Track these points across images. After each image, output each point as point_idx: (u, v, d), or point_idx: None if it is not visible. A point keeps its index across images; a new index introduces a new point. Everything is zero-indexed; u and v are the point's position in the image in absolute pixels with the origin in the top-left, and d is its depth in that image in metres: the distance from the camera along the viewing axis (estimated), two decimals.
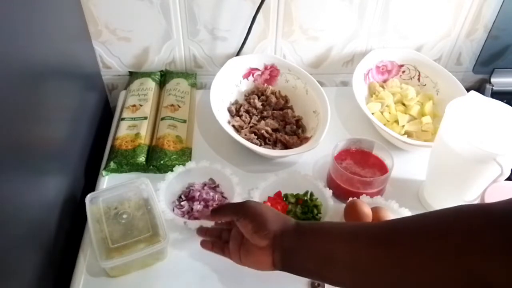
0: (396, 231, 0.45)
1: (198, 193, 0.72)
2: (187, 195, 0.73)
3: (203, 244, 0.62)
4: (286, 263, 0.52)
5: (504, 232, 0.37)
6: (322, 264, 0.49)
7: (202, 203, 0.71)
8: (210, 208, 0.71)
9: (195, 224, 0.67)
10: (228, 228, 0.61)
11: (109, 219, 0.64)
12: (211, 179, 0.76)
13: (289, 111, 0.87)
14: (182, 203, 0.72)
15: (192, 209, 0.71)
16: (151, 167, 0.77)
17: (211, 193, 0.73)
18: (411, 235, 0.43)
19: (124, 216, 0.64)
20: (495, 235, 0.37)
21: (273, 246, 0.52)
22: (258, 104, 0.88)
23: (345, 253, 0.47)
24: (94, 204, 0.66)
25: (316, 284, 0.62)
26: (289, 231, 0.52)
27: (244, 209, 0.55)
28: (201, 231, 0.64)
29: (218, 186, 0.76)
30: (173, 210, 0.71)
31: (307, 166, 0.81)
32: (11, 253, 0.52)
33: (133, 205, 0.66)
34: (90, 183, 0.78)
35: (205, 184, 0.75)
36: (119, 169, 0.77)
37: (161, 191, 0.71)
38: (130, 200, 0.66)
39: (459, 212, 0.42)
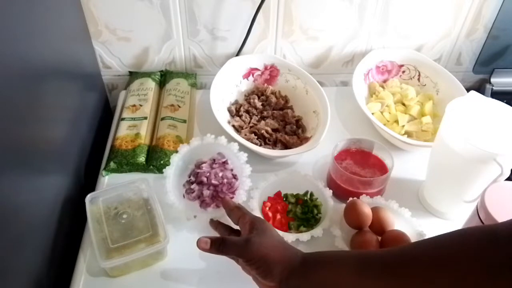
0: (404, 262, 0.44)
1: (207, 175, 0.70)
2: (196, 178, 0.71)
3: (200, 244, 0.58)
4: None
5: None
6: None
7: (212, 188, 0.70)
8: (219, 196, 0.70)
9: (206, 213, 0.68)
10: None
11: (109, 219, 0.64)
12: (219, 153, 0.73)
13: (289, 111, 0.87)
14: (192, 186, 0.70)
15: (202, 193, 0.70)
16: (151, 167, 0.77)
17: (220, 174, 0.70)
18: (420, 266, 0.42)
19: (124, 216, 0.64)
20: (502, 260, 0.37)
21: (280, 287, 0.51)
22: (258, 104, 0.88)
23: (354, 285, 0.46)
24: (94, 204, 0.66)
25: None
26: (295, 271, 0.51)
27: (247, 253, 0.53)
28: (213, 223, 0.64)
29: (227, 162, 0.72)
30: (183, 197, 0.70)
31: (307, 166, 0.81)
32: (11, 253, 0.52)
33: (133, 205, 0.66)
34: (90, 183, 0.78)
35: (214, 161, 0.72)
36: (119, 169, 0.77)
37: (168, 178, 0.69)
38: (130, 200, 0.66)
39: (465, 239, 0.42)
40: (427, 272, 0.41)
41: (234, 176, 0.72)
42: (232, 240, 0.56)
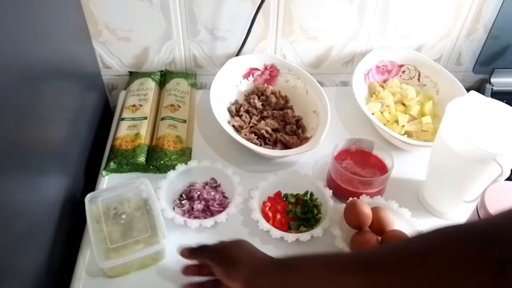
0: (375, 259, 0.43)
1: (198, 193, 0.72)
2: (188, 194, 0.73)
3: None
4: None
5: (488, 251, 0.36)
6: None
7: (203, 202, 0.72)
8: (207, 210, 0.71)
9: (195, 223, 0.67)
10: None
11: (108, 219, 0.64)
12: (212, 178, 0.76)
13: (289, 111, 0.87)
14: (183, 202, 0.72)
15: (192, 208, 0.71)
16: (151, 167, 0.77)
17: (212, 193, 0.73)
18: (392, 262, 0.42)
19: (123, 216, 0.64)
20: (471, 256, 0.36)
21: None
22: (258, 104, 0.88)
23: (325, 283, 0.45)
24: (93, 204, 0.65)
25: None
26: (263, 271, 0.51)
27: (219, 256, 0.55)
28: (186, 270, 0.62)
29: (219, 185, 0.76)
30: (174, 209, 0.71)
31: (307, 166, 0.81)
32: (11, 252, 0.52)
33: (133, 206, 0.66)
34: (90, 183, 0.78)
35: (206, 184, 0.75)
36: (119, 169, 0.77)
37: (162, 189, 0.71)
38: (130, 200, 0.66)
39: (436, 235, 0.41)
40: (404, 269, 0.40)
41: (225, 197, 0.74)
42: (204, 245, 0.58)
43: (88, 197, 0.66)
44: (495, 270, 0.35)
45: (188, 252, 0.58)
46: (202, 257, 0.58)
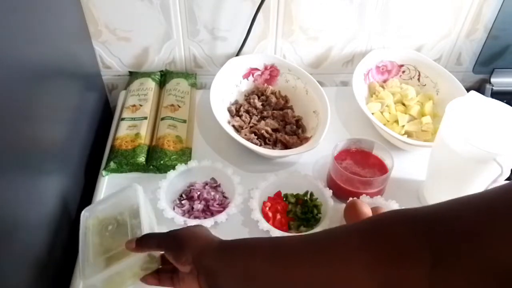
0: (318, 243, 0.43)
1: (198, 193, 0.72)
2: (188, 194, 0.73)
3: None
4: (211, 284, 0.49)
5: (431, 233, 0.36)
6: (245, 285, 0.47)
7: (203, 202, 0.72)
8: (206, 209, 0.71)
9: (195, 223, 0.67)
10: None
11: (95, 233, 0.60)
12: (212, 178, 0.76)
13: (289, 111, 0.87)
14: (182, 202, 0.72)
15: (192, 208, 0.71)
16: (151, 167, 0.77)
17: (212, 193, 0.73)
18: (330, 247, 0.42)
19: (109, 227, 0.60)
20: (419, 237, 0.36)
21: (196, 269, 0.50)
22: (258, 104, 0.88)
23: (267, 271, 0.45)
24: (87, 218, 0.62)
25: None
26: (209, 251, 0.50)
27: (166, 240, 0.53)
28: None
29: (219, 185, 0.76)
30: (174, 209, 0.71)
31: (307, 166, 0.81)
32: (11, 252, 0.52)
33: (121, 216, 0.61)
34: (90, 183, 0.78)
35: (206, 184, 0.75)
36: (119, 169, 0.77)
37: (162, 189, 0.71)
38: (120, 211, 0.62)
39: (383, 219, 0.41)
40: (342, 258, 0.40)
41: (225, 198, 0.74)
42: (152, 233, 0.57)
43: (84, 212, 0.63)
44: (433, 257, 0.34)
45: (135, 244, 0.54)
46: (149, 245, 0.54)
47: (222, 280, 0.48)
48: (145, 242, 0.54)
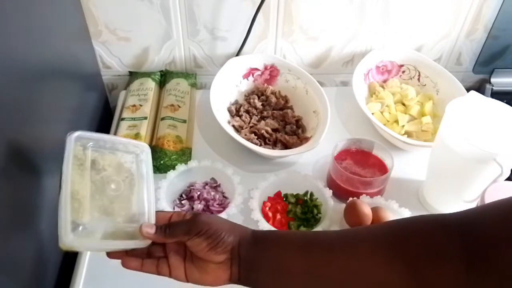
0: (351, 238, 0.44)
1: (198, 193, 0.72)
2: (188, 194, 0.73)
3: (126, 263, 0.48)
4: (245, 275, 0.47)
5: (462, 238, 0.37)
6: (279, 277, 0.46)
7: (203, 202, 0.72)
8: (209, 207, 0.71)
9: None
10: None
11: (95, 182, 0.47)
12: (212, 178, 0.76)
13: (289, 111, 0.87)
14: (182, 202, 0.72)
15: (192, 208, 0.71)
16: None
17: (212, 193, 0.73)
18: (366, 241, 0.42)
19: (113, 186, 0.48)
20: (452, 242, 0.37)
21: (232, 259, 0.47)
22: (258, 104, 0.88)
23: (301, 262, 0.45)
24: (79, 146, 0.47)
25: None
26: (246, 241, 0.48)
27: (196, 226, 0.47)
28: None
29: (219, 185, 0.76)
30: (174, 209, 0.71)
31: (307, 166, 0.81)
32: (10, 252, 0.52)
33: (126, 177, 0.49)
34: None
35: (206, 184, 0.75)
36: None
37: (162, 189, 0.71)
38: (124, 167, 0.49)
39: (415, 222, 0.42)
40: (375, 253, 0.41)
41: (225, 198, 0.74)
42: (178, 221, 0.50)
43: (76, 134, 0.48)
44: (467, 260, 0.35)
45: (156, 232, 0.47)
46: (176, 235, 0.47)
47: (257, 272, 0.47)
48: (172, 232, 0.47)
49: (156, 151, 0.78)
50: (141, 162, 0.51)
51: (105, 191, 0.46)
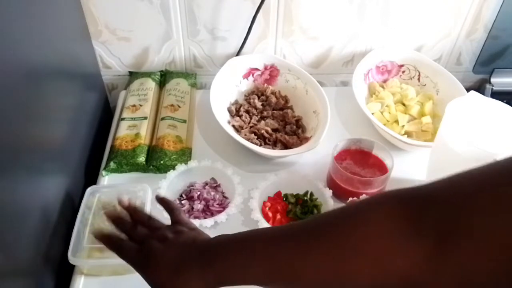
0: (310, 226, 0.43)
1: (198, 193, 0.72)
2: (188, 194, 0.73)
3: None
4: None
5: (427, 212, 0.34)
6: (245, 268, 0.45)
7: (203, 202, 0.72)
8: (211, 207, 0.71)
9: (195, 223, 0.67)
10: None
11: (95, 216, 0.63)
12: (212, 178, 0.76)
13: (289, 111, 0.87)
14: (183, 202, 0.72)
15: (192, 208, 0.71)
16: (151, 167, 0.77)
17: (212, 193, 0.73)
18: (332, 228, 0.40)
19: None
20: (408, 217, 0.35)
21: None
22: (258, 104, 0.88)
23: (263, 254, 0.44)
24: (91, 197, 0.66)
25: None
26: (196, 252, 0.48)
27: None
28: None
29: (219, 185, 0.76)
30: None
31: (307, 166, 0.81)
32: (10, 252, 0.52)
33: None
34: (90, 183, 0.78)
35: (206, 184, 0.75)
36: (119, 169, 0.77)
37: (162, 189, 0.71)
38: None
39: (369, 201, 0.41)
40: (339, 232, 0.39)
41: (225, 197, 0.74)
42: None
43: (89, 189, 0.67)
44: (436, 233, 0.33)
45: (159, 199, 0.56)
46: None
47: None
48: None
49: (156, 151, 0.78)
50: (138, 197, 0.66)
51: (103, 220, 0.60)
